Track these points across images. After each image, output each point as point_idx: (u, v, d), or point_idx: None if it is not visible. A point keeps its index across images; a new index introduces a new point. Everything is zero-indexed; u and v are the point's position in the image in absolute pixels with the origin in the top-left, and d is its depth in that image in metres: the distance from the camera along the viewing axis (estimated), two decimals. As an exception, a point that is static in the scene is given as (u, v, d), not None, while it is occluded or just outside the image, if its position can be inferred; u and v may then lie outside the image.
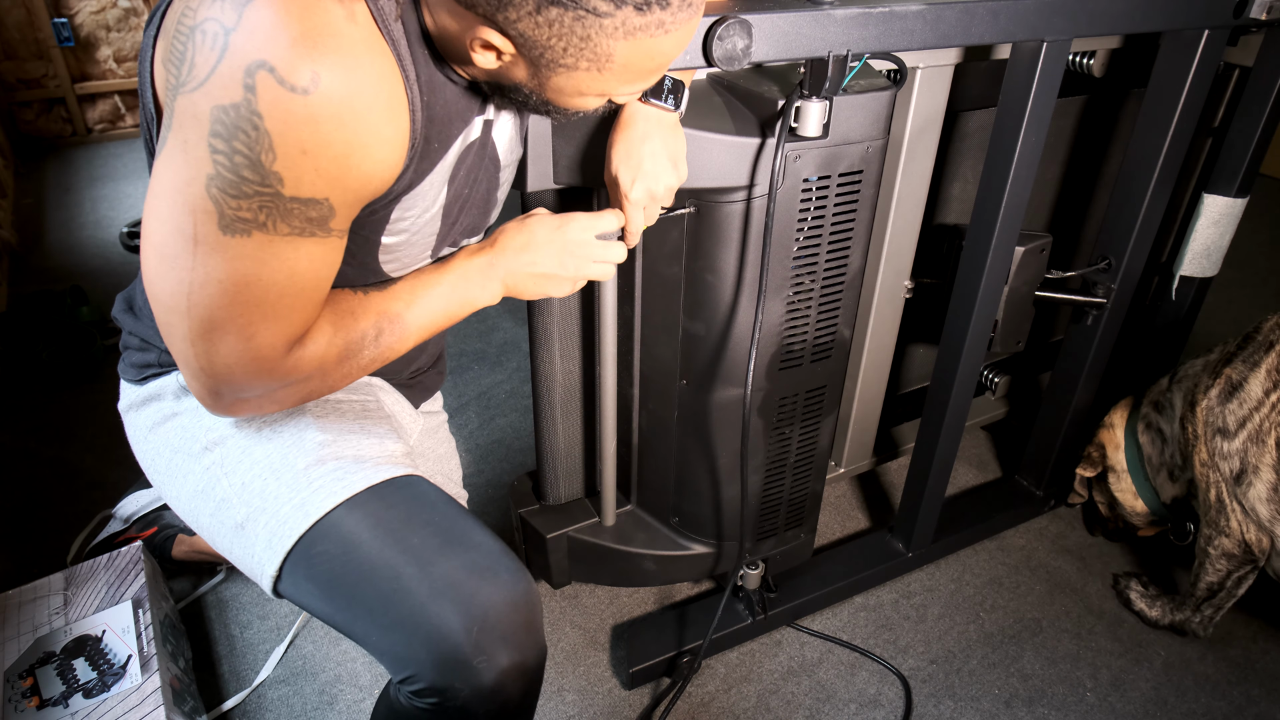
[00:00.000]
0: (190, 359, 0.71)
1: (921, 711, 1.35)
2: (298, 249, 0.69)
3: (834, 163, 1.06)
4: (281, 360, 0.73)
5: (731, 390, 1.21)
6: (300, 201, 0.67)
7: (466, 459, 1.90)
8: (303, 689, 1.36)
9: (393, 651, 0.80)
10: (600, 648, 1.45)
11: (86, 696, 1.17)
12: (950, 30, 1.01)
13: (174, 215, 0.66)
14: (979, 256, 1.26)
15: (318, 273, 0.73)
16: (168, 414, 0.95)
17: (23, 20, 3.35)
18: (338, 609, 0.82)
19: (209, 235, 0.66)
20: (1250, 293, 2.64)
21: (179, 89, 0.65)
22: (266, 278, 0.69)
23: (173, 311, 0.69)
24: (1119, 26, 1.13)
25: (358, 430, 0.93)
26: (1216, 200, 1.48)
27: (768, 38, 0.91)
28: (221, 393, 0.74)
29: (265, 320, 0.70)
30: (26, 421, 1.96)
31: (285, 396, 0.77)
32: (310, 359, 0.76)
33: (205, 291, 0.68)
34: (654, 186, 0.92)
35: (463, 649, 0.77)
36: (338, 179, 0.68)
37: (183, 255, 0.67)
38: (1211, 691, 1.39)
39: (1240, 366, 1.33)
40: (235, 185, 0.65)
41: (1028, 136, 1.16)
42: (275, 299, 0.70)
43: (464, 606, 0.78)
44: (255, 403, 0.76)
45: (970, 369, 1.37)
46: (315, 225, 0.70)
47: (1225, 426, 1.33)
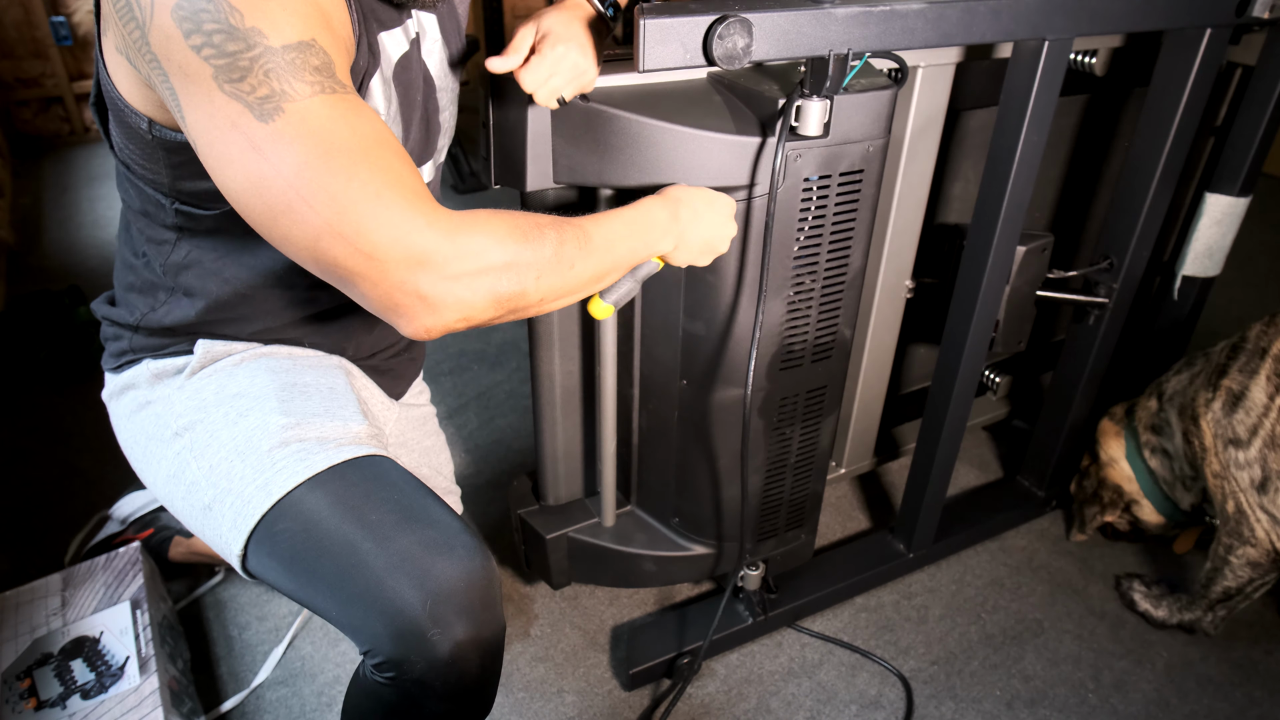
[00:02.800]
0: (354, 252, 0.68)
1: (922, 713, 1.35)
2: (335, 107, 0.68)
3: (835, 162, 1.06)
4: (433, 210, 0.70)
5: (732, 390, 1.20)
6: (293, 49, 0.67)
7: (466, 459, 1.89)
8: (301, 690, 1.36)
9: (352, 625, 0.82)
10: (600, 649, 1.44)
11: (84, 698, 1.17)
12: (951, 29, 1.01)
13: (228, 143, 0.67)
14: (980, 256, 1.26)
15: (377, 129, 0.71)
16: (142, 402, 0.97)
17: (20, 19, 3.35)
18: (300, 585, 0.84)
19: (257, 132, 0.66)
20: (1252, 292, 2.63)
21: (146, 32, 0.66)
22: (336, 140, 0.67)
23: (303, 222, 0.67)
24: (1121, 25, 1.12)
25: (322, 413, 0.94)
26: (1219, 200, 1.47)
27: (768, 36, 0.91)
28: (412, 275, 0.68)
29: (376, 172, 0.68)
30: (24, 421, 1.95)
31: (476, 277, 0.71)
32: (471, 221, 0.71)
33: (304, 178, 0.66)
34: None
35: (418, 621, 0.78)
36: (310, 13, 0.69)
37: (262, 166, 0.67)
38: (1214, 693, 1.39)
39: (1238, 376, 1.33)
40: (233, 66, 0.65)
41: (1029, 136, 1.15)
42: (361, 154, 0.68)
43: (419, 580, 0.79)
44: (453, 284, 0.70)
45: (971, 369, 1.36)
46: (326, 78, 0.69)
47: (1237, 437, 1.32)
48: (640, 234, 0.88)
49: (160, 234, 0.92)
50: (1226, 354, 1.37)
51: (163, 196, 0.87)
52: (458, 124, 1.09)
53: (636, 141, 1.00)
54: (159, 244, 0.92)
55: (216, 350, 0.97)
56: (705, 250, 0.98)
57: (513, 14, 4.73)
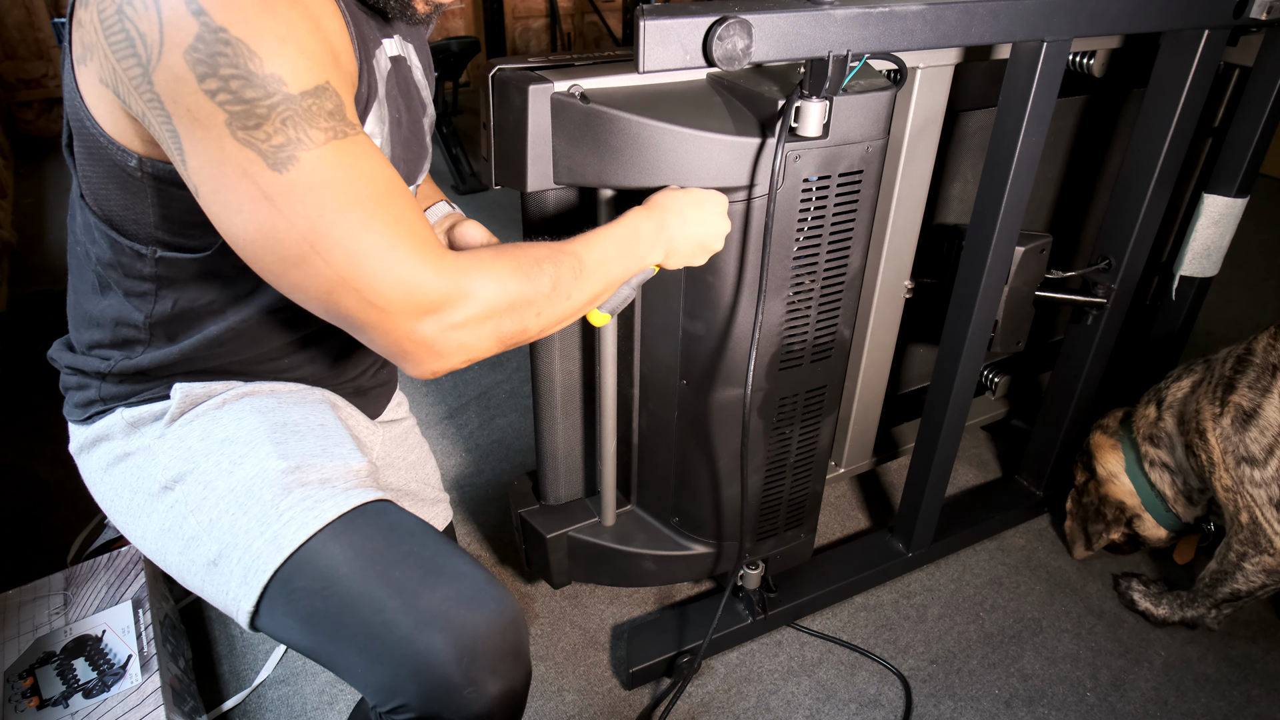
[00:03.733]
0: (366, 306, 0.69)
1: (921, 711, 1.35)
2: (348, 153, 0.69)
3: (834, 163, 1.06)
4: (440, 258, 0.71)
5: (731, 390, 1.21)
6: (310, 94, 0.67)
7: (467, 459, 1.90)
8: (302, 689, 1.36)
9: (379, 683, 0.79)
10: (600, 648, 1.45)
11: (86, 696, 1.17)
12: (950, 30, 1.01)
13: (238, 192, 0.66)
14: (979, 256, 1.26)
15: (386, 172, 0.71)
16: (119, 454, 0.92)
17: (23, 20, 3.36)
18: (320, 642, 0.81)
19: (270, 182, 0.65)
20: (1250, 293, 2.64)
21: (150, 71, 0.64)
22: (349, 189, 0.68)
23: (316, 273, 0.68)
24: (1119, 26, 1.13)
25: (320, 453, 0.91)
26: (1217, 200, 1.48)
27: (768, 38, 0.91)
28: (420, 323, 0.71)
29: (389, 222, 0.69)
30: (26, 422, 1.96)
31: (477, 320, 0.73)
32: (471, 262, 0.73)
33: (318, 233, 0.67)
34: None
35: (453, 680, 0.77)
36: (323, 55, 0.68)
37: (274, 217, 0.66)
38: (1212, 691, 1.39)
39: (1248, 393, 1.31)
40: (249, 114, 0.64)
41: (1028, 136, 1.16)
42: (374, 204, 0.69)
43: (453, 637, 0.78)
44: (458, 331, 0.73)
45: (970, 369, 1.37)
46: (339, 122, 0.69)
47: (1251, 456, 1.30)
48: (630, 250, 0.89)
49: (137, 286, 0.86)
50: (1232, 366, 1.35)
51: (141, 245, 0.82)
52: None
53: (636, 142, 1.01)
54: (138, 297, 0.87)
55: (196, 393, 0.91)
56: (698, 251, 0.99)
57: (513, 14, 4.74)
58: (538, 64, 1.06)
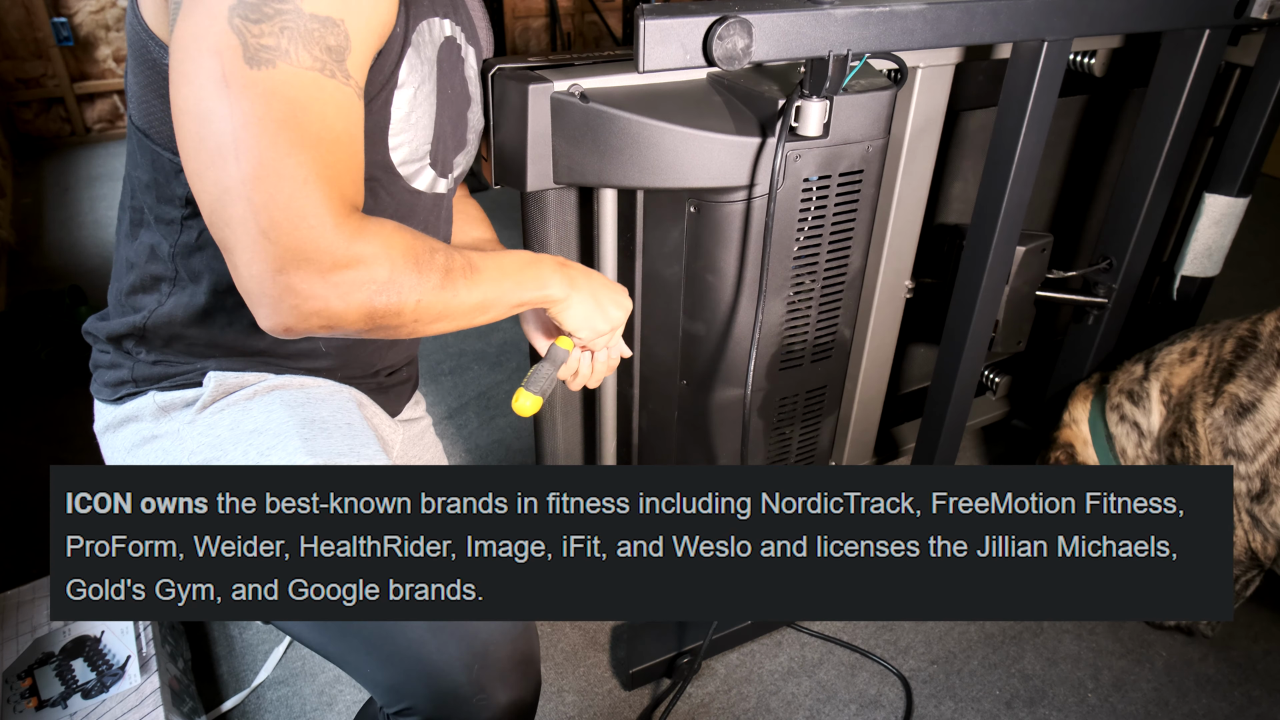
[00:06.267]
0: (250, 218, 0.67)
1: (922, 712, 1.35)
2: (323, 90, 0.69)
3: (834, 162, 1.06)
4: (348, 216, 0.70)
5: (731, 390, 1.20)
6: (319, 20, 0.67)
7: (467, 459, 1.89)
8: (301, 690, 1.36)
9: (388, 684, 0.80)
10: (600, 648, 1.44)
11: (85, 697, 1.17)
12: (951, 30, 1.01)
13: (200, 66, 0.66)
14: (980, 256, 1.26)
15: (349, 128, 0.71)
16: (147, 436, 0.92)
17: (22, 19, 3.35)
18: (331, 640, 0.81)
19: (237, 72, 0.65)
20: (1252, 293, 2.64)
21: None
22: (302, 118, 0.68)
23: (223, 168, 0.67)
24: (1120, 26, 1.12)
25: (347, 452, 0.91)
26: (1218, 200, 1.48)
27: (768, 37, 0.91)
28: (290, 265, 0.68)
29: (315, 163, 0.68)
30: (26, 421, 1.96)
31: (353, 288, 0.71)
32: (377, 233, 0.71)
33: (247, 134, 0.66)
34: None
35: (462, 686, 0.77)
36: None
37: (217, 102, 0.66)
38: (1213, 692, 1.39)
39: (1247, 384, 1.27)
40: (256, 8, 0.65)
41: (1028, 136, 1.15)
42: (315, 142, 0.68)
43: (464, 643, 0.78)
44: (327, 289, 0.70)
45: (971, 369, 1.36)
46: (334, 60, 0.69)
47: (1240, 450, 1.27)
48: (529, 271, 0.87)
49: (168, 212, 0.88)
50: (1233, 350, 1.30)
51: (174, 155, 0.84)
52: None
53: (636, 142, 1.01)
54: (167, 224, 0.89)
55: (229, 382, 0.92)
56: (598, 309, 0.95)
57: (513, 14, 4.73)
58: (538, 64, 1.06)
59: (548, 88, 1.01)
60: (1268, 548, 1.31)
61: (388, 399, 1.10)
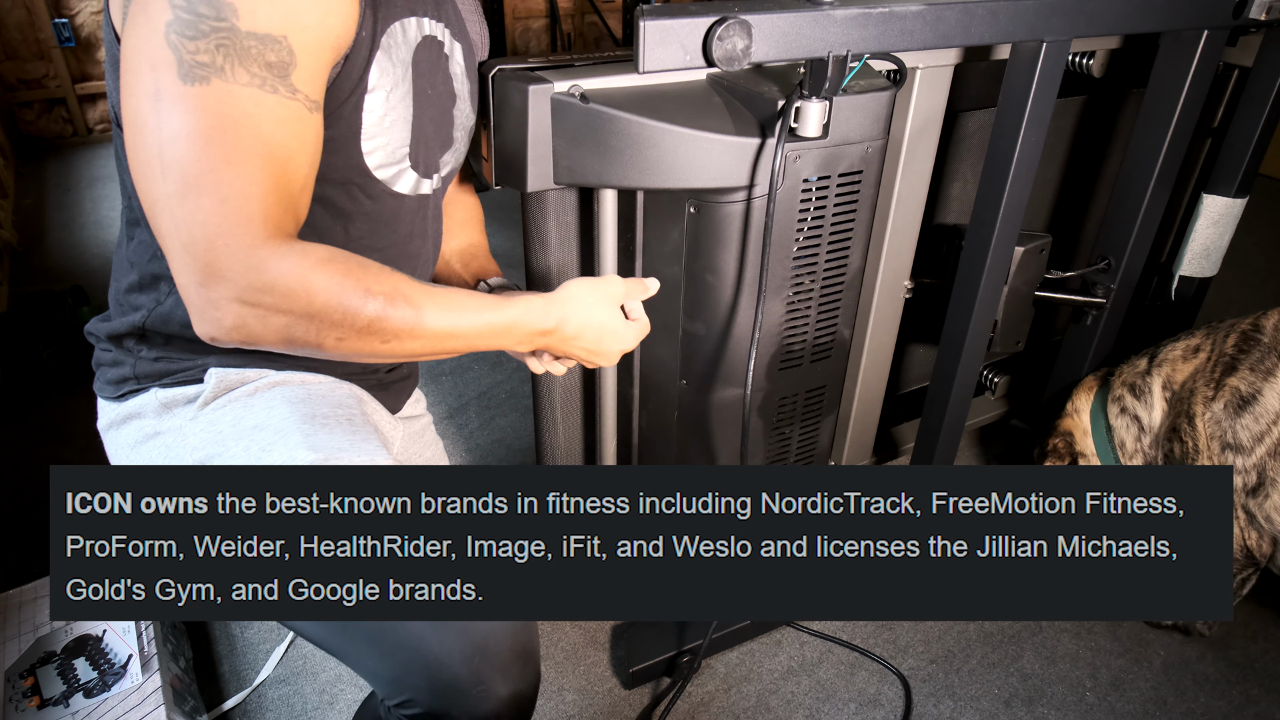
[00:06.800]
0: (174, 233, 0.68)
1: (921, 711, 1.35)
2: (260, 106, 0.69)
3: (834, 163, 1.06)
4: (264, 241, 0.69)
5: (731, 390, 1.21)
6: (257, 38, 0.67)
7: (466, 459, 1.90)
8: (303, 689, 1.36)
9: (389, 676, 0.80)
10: (600, 647, 1.45)
11: (87, 696, 1.17)
12: (950, 30, 1.01)
13: (139, 80, 0.67)
14: (979, 256, 1.26)
15: (288, 143, 0.71)
16: (150, 432, 0.93)
17: (23, 20, 3.36)
18: (332, 633, 0.82)
19: (170, 87, 0.66)
20: (1250, 293, 2.64)
21: None
22: (232, 135, 0.68)
23: (152, 181, 0.68)
24: (1118, 27, 1.13)
25: (348, 447, 0.91)
26: (1216, 200, 1.48)
27: (768, 38, 0.91)
28: (209, 281, 0.69)
29: (239, 181, 0.68)
30: (26, 421, 1.96)
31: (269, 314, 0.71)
32: (295, 265, 0.70)
33: (175, 148, 0.67)
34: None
35: (461, 679, 0.78)
36: (293, 13, 0.69)
37: (150, 115, 0.67)
38: (1211, 691, 1.39)
39: (1249, 376, 1.26)
40: (192, 25, 0.66)
41: (1027, 136, 1.16)
42: (243, 160, 0.68)
43: (465, 635, 0.78)
44: (243, 309, 0.70)
45: (970, 369, 1.37)
46: (276, 76, 0.69)
47: (1238, 443, 1.27)
48: (490, 340, 0.84)
49: None
50: (1236, 344, 1.29)
51: None
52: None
53: (636, 142, 1.01)
54: None
55: (230, 379, 0.93)
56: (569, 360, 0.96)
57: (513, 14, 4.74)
58: (538, 64, 1.06)
59: (548, 88, 1.01)
60: (1263, 545, 1.31)
61: (388, 396, 1.11)
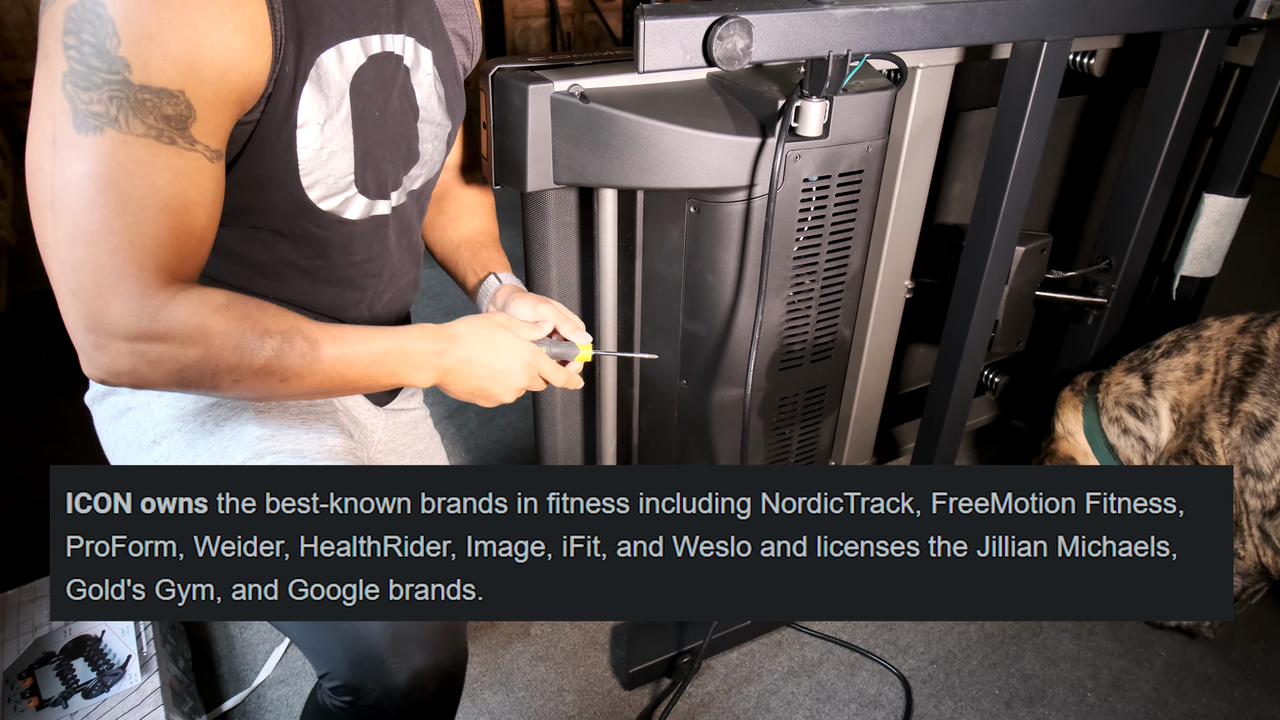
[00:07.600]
0: (63, 278, 0.69)
1: (922, 712, 1.35)
2: (156, 156, 0.69)
3: (834, 162, 1.06)
4: (158, 289, 0.70)
5: (731, 390, 1.21)
6: (151, 92, 0.68)
7: (467, 459, 1.90)
8: (302, 689, 1.36)
9: (314, 647, 0.81)
10: (600, 648, 1.45)
11: (86, 697, 1.17)
12: (950, 30, 1.01)
13: (39, 125, 0.68)
14: (979, 256, 1.26)
15: (184, 194, 0.71)
16: (124, 408, 0.96)
17: (22, 20, 3.36)
18: None
19: (65, 135, 0.67)
20: (1251, 293, 2.64)
21: (44, 8, 0.68)
22: (125, 184, 0.68)
23: (44, 225, 0.69)
24: (1119, 26, 1.12)
25: (299, 425, 0.93)
26: (1217, 200, 1.48)
27: (768, 37, 0.91)
28: (96, 328, 0.69)
29: (128, 231, 0.69)
30: (26, 421, 1.96)
31: (161, 360, 0.71)
32: (192, 314, 0.71)
33: (65, 196, 0.68)
34: None
35: (378, 648, 0.78)
36: (191, 69, 0.69)
37: (46, 161, 0.68)
38: (1212, 692, 1.39)
39: (1261, 401, 1.26)
40: (86, 76, 0.66)
41: (1028, 136, 1.16)
42: (136, 210, 0.69)
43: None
44: (134, 356, 0.71)
45: (971, 369, 1.37)
46: (174, 129, 0.69)
47: (1258, 469, 1.27)
48: (389, 366, 0.84)
49: None
50: (1241, 367, 1.30)
51: None
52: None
53: (636, 142, 1.01)
54: None
55: None
56: (479, 395, 0.93)
57: (513, 14, 4.74)
58: (538, 64, 1.06)
59: (548, 88, 1.01)
60: (1278, 562, 1.31)
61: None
